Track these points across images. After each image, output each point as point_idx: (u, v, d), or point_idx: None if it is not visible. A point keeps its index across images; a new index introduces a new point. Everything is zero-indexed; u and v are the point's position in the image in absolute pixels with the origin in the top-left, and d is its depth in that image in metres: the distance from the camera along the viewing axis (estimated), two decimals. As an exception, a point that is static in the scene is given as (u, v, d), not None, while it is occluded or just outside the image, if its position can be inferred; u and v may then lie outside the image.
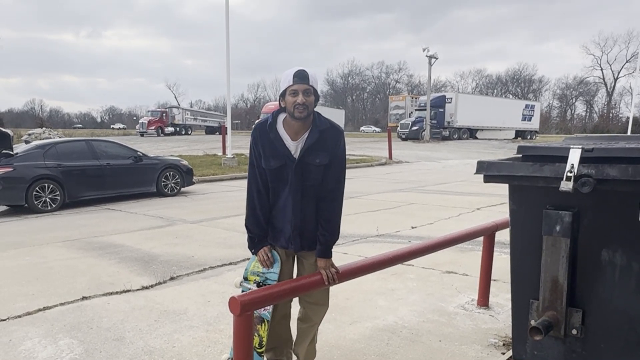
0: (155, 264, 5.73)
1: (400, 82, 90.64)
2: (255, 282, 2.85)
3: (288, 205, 2.66)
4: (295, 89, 2.50)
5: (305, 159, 2.59)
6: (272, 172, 2.64)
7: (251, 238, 2.79)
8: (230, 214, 9.06)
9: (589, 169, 2.05)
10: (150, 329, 3.85)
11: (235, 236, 7.21)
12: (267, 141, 2.62)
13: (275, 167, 2.62)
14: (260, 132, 2.66)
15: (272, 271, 2.79)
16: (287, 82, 2.53)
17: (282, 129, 2.63)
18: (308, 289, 2.62)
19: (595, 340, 2.21)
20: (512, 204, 2.39)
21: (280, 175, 2.64)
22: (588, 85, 79.59)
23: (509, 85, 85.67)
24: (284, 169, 2.62)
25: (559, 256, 2.21)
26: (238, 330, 2.33)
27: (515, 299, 2.44)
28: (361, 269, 2.93)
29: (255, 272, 2.85)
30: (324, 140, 2.61)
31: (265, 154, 2.63)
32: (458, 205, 9.94)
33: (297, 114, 2.52)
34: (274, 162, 2.61)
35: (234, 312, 2.28)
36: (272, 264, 2.78)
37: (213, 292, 4.74)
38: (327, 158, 2.61)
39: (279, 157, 2.61)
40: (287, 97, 2.53)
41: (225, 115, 55.47)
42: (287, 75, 2.54)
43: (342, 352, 3.44)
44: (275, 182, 2.67)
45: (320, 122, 2.63)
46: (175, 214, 9.22)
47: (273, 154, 2.61)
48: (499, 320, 4.02)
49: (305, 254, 2.79)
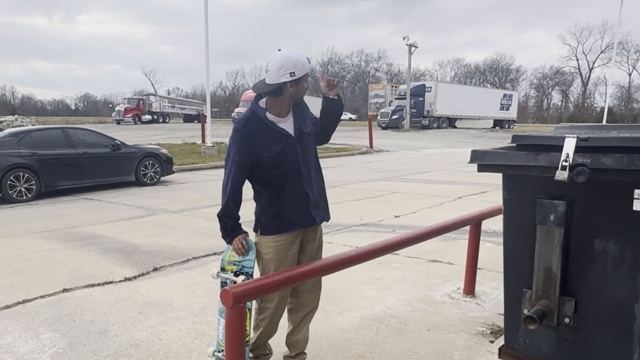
0: (137, 255, 5.63)
1: (380, 71, 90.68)
2: (232, 271, 2.83)
3: (298, 181, 2.69)
4: (308, 75, 2.64)
5: (301, 130, 2.70)
6: (276, 157, 2.63)
7: (224, 227, 2.79)
8: (212, 204, 8.94)
9: (584, 159, 2.05)
10: (135, 321, 3.78)
11: (217, 226, 7.10)
12: (262, 130, 2.63)
13: (279, 152, 2.63)
14: (253, 124, 2.65)
15: (248, 258, 2.80)
16: (305, 69, 2.60)
17: (271, 115, 2.68)
18: (301, 278, 2.58)
19: (588, 328, 2.23)
20: (505, 193, 2.38)
21: (285, 158, 2.65)
22: (564, 75, 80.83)
23: (487, 74, 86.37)
24: (286, 150, 2.65)
25: (552, 245, 2.21)
26: (230, 323, 2.28)
27: (508, 288, 2.45)
28: (352, 259, 2.89)
29: (231, 262, 2.83)
30: (303, 110, 2.78)
31: (264, 143, 2.62)
32: (440, 194, 10.00)
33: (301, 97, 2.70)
34: (276, 147, 2.63)
35: (227, 304, 2.24)
36: (247, 252, 2.76)
37: (198, 283, 4.67)
38: (310, 123, 2.80)
39: (279, 140, 2.64)
40: (302, 83, 2.62)
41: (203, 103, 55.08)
42: (304, 62, 2.60)
43: (331, 342, 3.43)
44: (280, 167, 2.66)
45: None
46: (155, 203, 9.08)
47: (272, 139, 2.63)
48: (485, 308, 4.05)
49: (310, 235, 2.83)
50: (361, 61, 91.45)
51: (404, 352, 3.27)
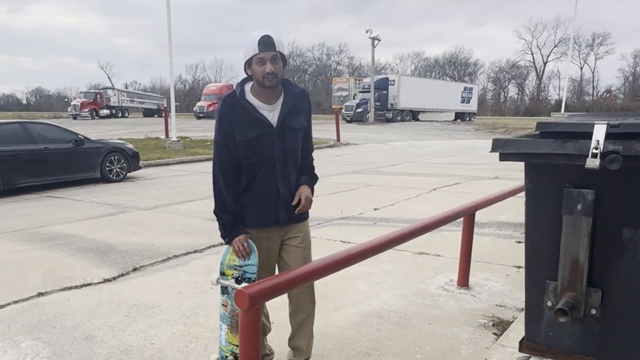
0: (113, 255, 5.35)
1: (342, 64, 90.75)
2: (233, 276, 2.63)
3: (271, 175, 2.52)
4: (262, 57, 2.37)
5: (285, 123, 2.50)
6: (250, 144, 2.46)
7: (223, 225, 2.57)
8: (185, 200, 8.69)
9: (615, 145, 1.99)
10: (122, 326, 3.56)
11: (195, 223, 6.90)
12: (238, 112, 2.46)
13: (253, 138, 2.45)
14: (229, 103, 2.49)
15: (250, 263, 2.58)
16: (252, 50, 2.37)
17: (252, 97, 2.49)
18: (316, 274, 2.45)
19: (614, 319, 2.19)
20: (528, 182, 2.31)
21: (259, 147, 2.47)
22: (520, 69, 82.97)
23: (446, 68, 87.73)
24: (262, 138, 2.47)
25: (579, 236, 2.15)
26: (246, 326, 2.13)
27: (530, 280, 2.38)
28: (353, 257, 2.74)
29: (231, 266, 2.64)
30: (300, 103, 2.57)
31: (239, 126, 2.46)
32: (414, 186, 10.03)
33: (267, 84, 2.40)
34: (251, 132, 2.45)
35: (242, 306, 2.08)
36: (249, 255, 2.56)
37: (183, 283, 4.47)
38: (305, 121, 2.59)
39: (255, 125, 2.46)
40: (254, 66, 2.40)
41: (164, 97, 53.98)
42: (251, 42, 2.37)
43: (333, 340, 3.32)
44: (253, 156, 2.49)
45: (292, 86, 2.58)
46: (125, 200, 8.73)
47: (248, 123, 2.46)
48: (481, 300, 4.02)
49: (290, 233, 2.65)
50: (322, 54, 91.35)
51: (410, 348, 3.19)
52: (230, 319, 2.66)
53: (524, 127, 34.19)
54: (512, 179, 11.33)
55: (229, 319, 2.66)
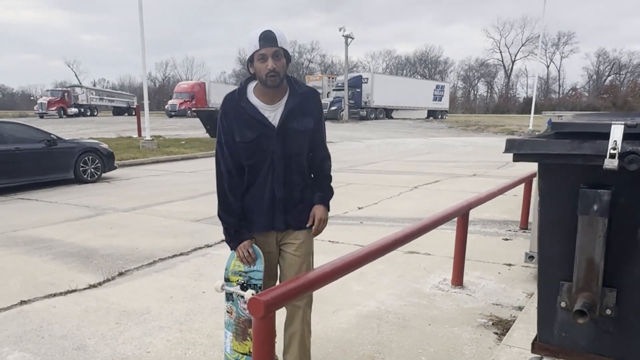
0: (96, 259, 5.18)
1: (314, 62, 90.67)
2: (238, 283, 2.55)
3: (270, 179, 2.41)
4: (263, 54, 2.26)
5: (287, 124, 2.37)
6: (249, 145, 2.37)
7: (226, 230, 2.49)
8: (164, 201, 8.50)
9: (633, 146, 1.99)
10: (114, 334, 3.43)
11: (177, 224, 6.75)
12: (238, 111, 2.37)
13: (252, 139, 2.36)
14: (230, 102, 2.41)
15: (256, 269, 2.50)
16: (253, 47, 2.27)
17: (254, 97, 2.39)
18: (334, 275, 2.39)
19: (629, 319, 2.19)
20: (542, 183, 2.30)
21: (258, 148, 2.37)
22: (488, 67, 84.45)
23: (417, 66, 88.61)
24: (261, 140, 2.36)
25: (595, 236, 2.15)
26: (259, 334, 2.06)
27: (543, 281, 2.37)
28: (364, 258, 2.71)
29: (236, 272, 2.55)
30: (306, 103, 2.43)
31: (238, 126, 2.37)
32: (395, 184, 10.05)
33: (270, 82, 2.29)
34: (250, 133, 2.35)
35: (256, 314, 2.00)
36: (254, 261, 2.48)
37: (172, 287, 4.34)
38: (312, 122, 2.43)
39: (254, 126, 2.35)
40: (255, 64, 2.29)
41: (134, 95, 52.98)
42: (252, 38, 2.27)
43: (335, 344, 3.26)
44: (252, 157, 2.40)
45: (299, 85, 2.45)
46: (102, 202, 8.48)
47: (247, 124, 2.36)
48: (477, 299, 4.03)
49: (286, 239, 2.54)
50: (294, 52, 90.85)
51: (414, 350, 3.16)
52: (235, 327, 2.58)
53: (496, 124, 34.83)
54: (490, 176, 11.50)
55: (234, 326, 2.58)
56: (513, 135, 27.65)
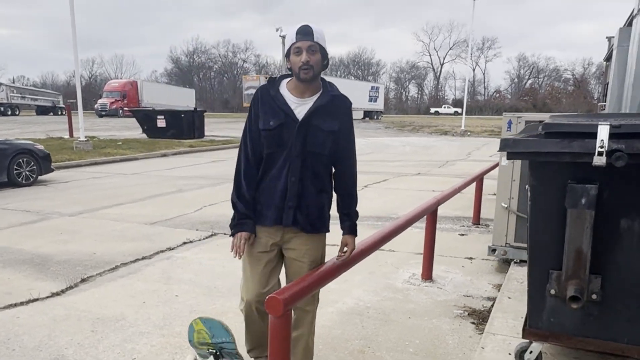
0: (52, 266, 4.92)
1: (248, 62, 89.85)
2: (210, 352, 2.60)
3: (284, 173, 2.40)
4: (299, 47, 2.31)
5: (312, 120, 2.38)
6: (271, 134, 2.39)
7: (234, 213, 2.48)
8: (112, 204, 8.17)
9: (618, 144, 2.19)
10: (92, 342, 3.29)
11: (131, 228, 6.52)
12: (267, 99, 2.42)
13: (274, 127, 2.37)
14: (262, 90, 2.47)
15: (226, 341, 2.55)
16: (290, 41, 2.33)
17: (285, 89, 2.44)
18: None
19: (612, 302, 2.41)
20: (532, 179, 2.47)
21: (279, 139, 2.38)
22: (419, 70, 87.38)
23: (351, 67, 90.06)
24: (283, 130, 2.37)
25: (583, 227, 2.34)
26: (277, 332, 2.08)
27: (533, 270, 2.54)
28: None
29: (203, 343, 2.58)
30: (335, 106, 2.45)
31: (264, 113, 2.40)
32: (346, 183, 10.19)
33: (302, 75, 2.33)
34: (273, 121, 2.38)
35: (275, 313, 2.03)
36: (242, 254, 2.44)
37: (143, 292, 4.22)
38: (336, 125, 2.43)
39: (277, 115, 2.38)
40: (291, 57, 2.35)
41: (59, 94, 50.20)
42: (291, 33, 2.33)
43: (323, 340, 3.31)
44: (272, 146, 2.40)
45: (332, 88, 2.49)
46: (43, 205, 8.02)
47: (272, 111, 2.39)
48: (448, 291, 4.21)
49: (296, 243, 2.51)
50: (228, 52, 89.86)
51: (400, 343, 3.27)
52: None
53: (429, 124, 36.08)
54: (434, 174, 11.95)
55: None
56: (446, 135, 28.80)
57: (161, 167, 13.22)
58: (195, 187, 9.84)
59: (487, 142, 23.60)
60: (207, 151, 17.87)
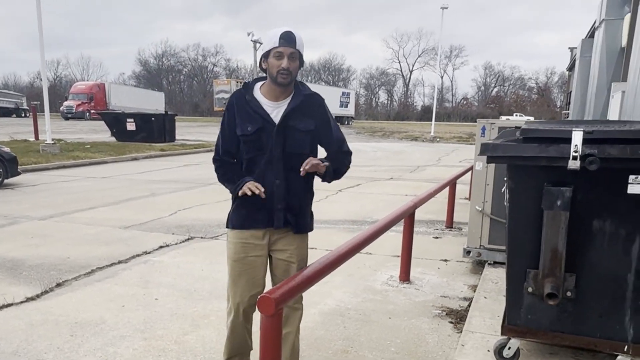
0: (25, 270, 4.81)
1: (218, 66, 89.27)
2: None
3: (267, 176, 2.44)
4: (280, 52, 2.34)
5: (288, 122, 2.43)
6: (250, 139, 2.43)
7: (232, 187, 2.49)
8: (84, 207, 8.03)
9: (591, 149, 2.32)
10: (72, 346, 3.25)
11: (105, 231, 6.43)
12: (242, 104, 2.46)
13: (253, 132, 2.42)
14: (237, 95, 2.51)
15: None
16: (271, 43, 2.35)
17: (259, 94, 2.48)
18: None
19: (586, 299, 2.53)
20: (510, 182, 2.58)
21: (258, 143, 2.43)
22: (388, 76, 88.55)
23: (322, 73, 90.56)
24: (262, 134, 2.42)
25: (558, 228, 2.46)
26: (269, 332, 2.10)
27: (511, 269, 2.65)
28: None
29: None
30: (309, 105, 2.49)
31: (241, 119, 2.44)
32: (320, 187, 10.13)
33: (280, 80, 2.38)
34: (251, 126, 2.42)
35: (267, 312, 2.06)
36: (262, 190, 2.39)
37: (121, 296, 4.17)
38: (312, 124, 2.48)
39: (255, 120, 2.42)
40: (270, 60, 2.37)
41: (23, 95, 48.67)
42: (273, 35, 2.35)
43: (307, 341, 3.34)
44: (252, 151, 2.45)
45: (304, 88, 2.53)
46: (12, 209, 7.82)
47: (249, 117, 2.43)
48: (426, 292, 4.31)
49: (282, 244, 2.55)
50: (198, 55, 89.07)
51: (382, 342, 3.35)
52: None
53: (399, 130, 36.56)
54: (406, 179, 12.14)
55: None
56: (417, 141, 29.25)
57: (132, 171, 13.03)
58: (169, 191, 9.74)
59: (456, 147, 24.08)
60: (179, 155, 17.69)
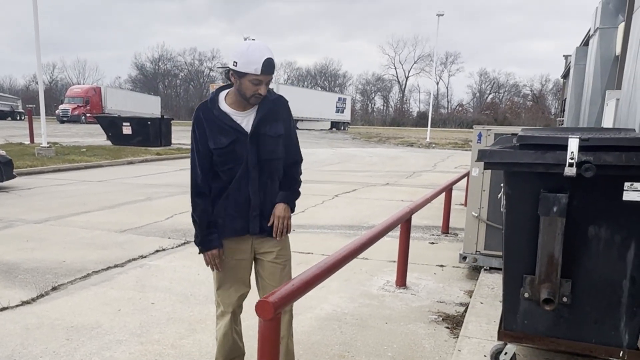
0: (20, 274, 4.80)
1: (215, 71, 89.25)
2: None
3: (244, 185, 2.48)
4: (260, 80, 2.36)
5: (259, 130, 2.46)
6: (224, 151, 2.45)
7: (196, 234, 2.54)
8: (79, 211, 8.01)
9: (587, 156, 2.34)
10: (68, 350, 3.24)
11: (101, 235, 6.42)
12: (211, 119, 2.46)
13: (227, 145, 2.44)
14: (204, 110, 2.49)
15: None
16: (252, 69, 2.32)
17: (225, 105, 2.49)
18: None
19: (582, 304, 2.55)
20: (507, 188, 2.60)
21: (233, 154, 2.46)
22: (384, 82, 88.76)
23: (318, 78, 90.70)
24: (236, 145, 2.45)
25: (555, 234, 2.48)
26: (267, 336, 2.11)
27: (508, 275, 2.67)
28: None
29: None
30: (276, 110, 2.53)
31: (212, 134, 2.45)
32: (316, 193, 10.28)
33: (253, 101, 2.43)
34: (225, 139, 2.44)
35: (265, 316, 2.06)
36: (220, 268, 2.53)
37: (117, 300, 4.17)
38: (281, 128, 2.53)
39: (227, 133, 2.44)
40: (246, 82, 2.36)
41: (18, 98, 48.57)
42: (255, 60, 2.32)
43: (304, 346, 3.35)
44: (228, 162, 2.47)
45: (270, 93, 2.53)
46: (7, 213, 7.79)
47: (221, 130, 2.44)
48: (422, 298, 4.32)
49: (264, 247, 2.60)
50: (194, 59, 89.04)
51: (379, 347, 3.35)
52: None
53: (395, 136, 36.65)
54: (402, 185, 12.17)
55: None
56: (412, 146, 29.31)
57: (128, 175, 13.00)
58: (165, 195, 9.73)
59: (452, 153, 24.15)
60: (175, 159, 17.66)
